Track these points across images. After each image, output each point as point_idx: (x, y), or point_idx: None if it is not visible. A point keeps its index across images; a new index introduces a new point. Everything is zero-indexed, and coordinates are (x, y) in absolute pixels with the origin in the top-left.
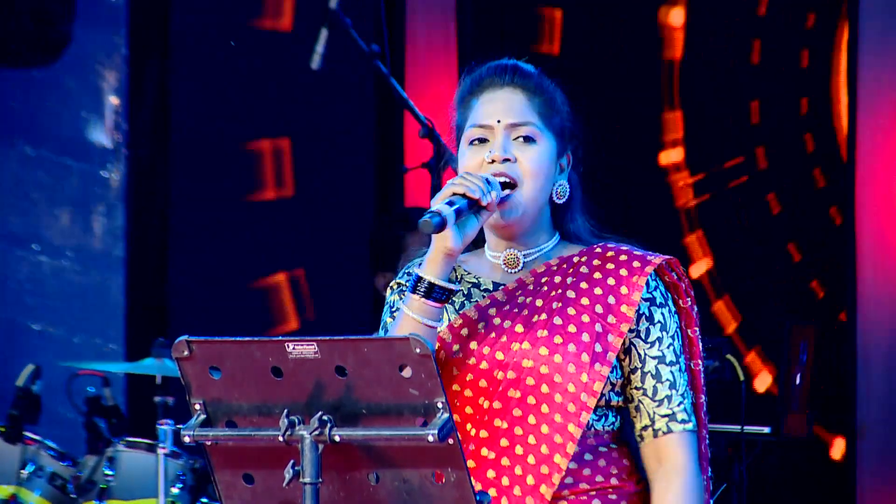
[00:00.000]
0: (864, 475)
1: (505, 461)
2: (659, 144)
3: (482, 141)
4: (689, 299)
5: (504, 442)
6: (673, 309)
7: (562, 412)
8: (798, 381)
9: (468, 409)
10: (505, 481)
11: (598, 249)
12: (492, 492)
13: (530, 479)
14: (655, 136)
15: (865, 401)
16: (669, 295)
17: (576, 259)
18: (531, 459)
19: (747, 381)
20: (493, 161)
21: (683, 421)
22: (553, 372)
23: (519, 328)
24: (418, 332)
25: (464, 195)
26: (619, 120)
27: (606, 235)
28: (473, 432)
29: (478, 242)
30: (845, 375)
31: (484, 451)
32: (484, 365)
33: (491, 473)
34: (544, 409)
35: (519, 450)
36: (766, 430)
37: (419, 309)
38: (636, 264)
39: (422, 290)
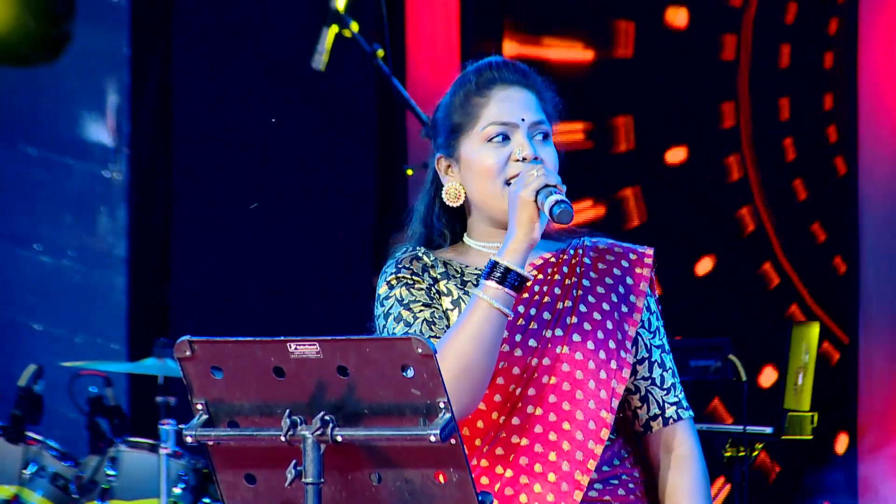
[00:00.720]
0: (865, 475)
1: (538, 448)
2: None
3: (505, 138)
4: (657, 292)
5: (538, 429)
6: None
7: (595, 398)
8: (799, 381)
9: (497, 398)
10: (538, 468)
11: (588, 243)
12: (523, 479)
13: (565, 466)
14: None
15: (866, 400)
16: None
17: (571, 251)
18: (566, 446)
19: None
20: (523, 159)
21: (688, 408)
22: (587, 359)
23: (546, 315)
24: (492, 317)
25: (555, 186)
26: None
27: (578, 230)
28: (502, 420)
29: (454, 237)
30: (846, 375)
31: (515, 439)
32: (518, 352)
33: (524, 460)
34: (578, 395)
35: (553, 436)
36: (769, 430)
37: (495, 295)
38: (633, 256)
39: (497, 275)
